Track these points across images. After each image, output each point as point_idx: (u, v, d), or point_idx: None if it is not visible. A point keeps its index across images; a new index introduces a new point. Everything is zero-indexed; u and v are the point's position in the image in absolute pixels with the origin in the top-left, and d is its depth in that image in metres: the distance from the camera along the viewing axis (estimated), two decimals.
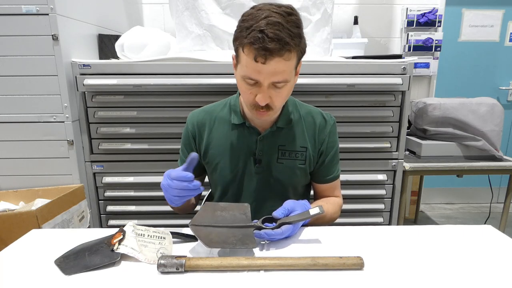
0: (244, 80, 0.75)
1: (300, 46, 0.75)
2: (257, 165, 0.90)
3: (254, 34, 0.68)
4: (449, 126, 1.74)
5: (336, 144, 0.95)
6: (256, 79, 0.73)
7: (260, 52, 0.68)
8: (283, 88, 0.76)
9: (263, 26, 0.67)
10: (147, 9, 2.14)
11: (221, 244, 0.68)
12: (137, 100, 1.42)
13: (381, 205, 1.58)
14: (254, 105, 0.77)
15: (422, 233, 0.80)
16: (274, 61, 0.70)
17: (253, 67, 0.71)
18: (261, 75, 0.72)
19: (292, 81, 0.78)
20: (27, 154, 1.38)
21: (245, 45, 0.70)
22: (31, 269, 0.65)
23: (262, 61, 0.69)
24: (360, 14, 2.17)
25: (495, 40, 2.46)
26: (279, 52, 0.69)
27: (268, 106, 0.77)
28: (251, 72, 0.72)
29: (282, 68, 0.72)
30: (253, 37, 0.68)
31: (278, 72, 0.72)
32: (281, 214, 0.75)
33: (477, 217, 2.57)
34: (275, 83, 0.74)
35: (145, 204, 1.53)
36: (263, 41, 0.67)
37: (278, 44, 0.68)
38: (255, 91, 0.75)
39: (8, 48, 1.27)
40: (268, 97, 0.75)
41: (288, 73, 0.74)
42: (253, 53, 0.69)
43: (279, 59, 0.70)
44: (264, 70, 0.71)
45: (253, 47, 0.68)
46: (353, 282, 0.60)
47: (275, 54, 0.69)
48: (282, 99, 0.78)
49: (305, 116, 0.93)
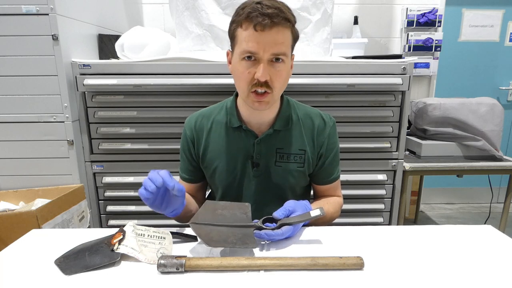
0: (243, 58, 0.75)
1: (293, 27, 0.77)
2: (255, 169, 0.90)
3: (252, 6, 0.72)
4: (449, 126, 1.74)
5: (336, 146, 0.94)
6: (255, 51, 0.73)
7: (259, 18, 0.70)
8: (281, 67, 0.76)
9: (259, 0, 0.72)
10: (147, 9, 2.14)
11: (221, 243, 0.68)
12: (137, 100, 1.42)
13: (381, 205, 1.58)
14: (253, 85, 0.76)
15: (422, 233, 0.80)
16: (273, 30, 0.72)
17: (253, 38, 0.72)
18: (260, 45, 0.72)
19: (288, 63, 0.79)
20: (27, 154, 1.38)
21: (243, 20, 0.73)
22: (31, 269, 0.65)
23: (261, 28, 0.71)
24: (360, 14, 2.17)
25: (495, 40, 2.46)
26: (278, 18, 0.71)
27: (267, 85, 0.76)
28: (250, 45, 0.73)
29: (281, 39, 0.73)
30: (251, 8, 0.71)
31: (277, 42, 0.73)
32: (282, 214, 0.75)
33: (477, 217, 2.58)
34: (274, 55, 0.74)
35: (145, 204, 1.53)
36: (262, 8, 0.70)
37: (276, 10, 0.71)
38: (253, 70, 0.75)
39: (8, 48, 1.27)
40: (267, 74, 0.75)
41: (286, 46, 0.75)
42: (252, 22, 0.71)
43: (277, 28, 0.72)
44: (264, 39, 0.72)
45: (252, 15, 0.71)
46: (353, 282, 0.60)
47: (274, 19, 0.70)
48: (281, 79, 0.78)
49: (303, 118, 0.91)
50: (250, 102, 0.80)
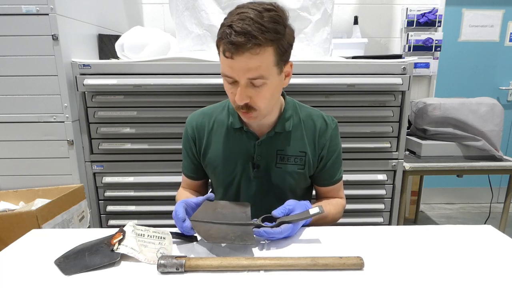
0: (225, 78, 0.75)
1: (277, 42, 0.70)
2: (255, 170, 0.90)
3: (224, 29, 0.68)
4: (449, 126, 1.74)
5: (338, 148, 0.93)
6: (230, 75, 0.72)
7: (227, 46, 0.67)
8: (263, 88, 0.73)
9: (234, 22, 0.67)
10: (147, 9, 2.14)
11: (220, 240, 0.68)
12: (137, 100, 1.42)
13: (381, 205, 1.58)
14: (236, 105, 0.77)
15: (422, 233, 0.80)
16: (244, 57, 0.68)
17: (225, 63, 0.71)
18: (233, 71, 0.71)
19: (274, 81, 0.74)
20: (27, 154, 1.38)
21: (218, 41, 0.71)
22: (31, 269, 0.65)
23: (229, 55, 0.69)
24: (360, 14, 2.17)
25: (495, 40, 2.46)
26: (245, 46, 0.66)
27: (248, 106, 0.75)
28: (225, 69, 0.72)
29: (255, 64, 0.69)
30: (222, 33, 0.68)
31: (251, 68, 0.69)
32: (281, 213, 0.75)
33: (477, 217, 2.57)
34: (251, 80, 0.71)
35: (145, 204, 1.53)
36: (230, 35, 0.66)
37: (243, 38, 0.66)
38: (235, 90, 0.74)
39: (8, 48, 1.27)
40: (246, 96, 0.73)
41: (264, 69, 0.70)
42: (223, 48, 0.69)
43: (248, 54, 0.67)
44: (235, 66, 0.70)
45: (222, 41, 0.69)
46: (353, 282, 0.60)
47: (241, 48, 0.67)
48: (265, 99, 0.75)
49: (305, 120, 0.91)
50: (241, 115, 0.81)
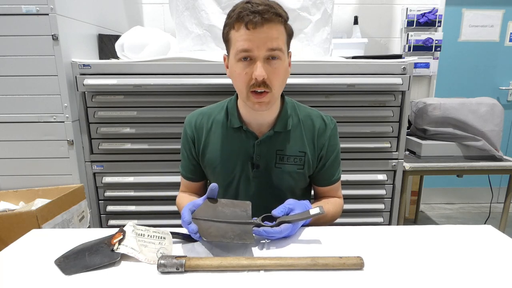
0: (238, 60, 0.75)
1: (286, 24, 0.77)
2: (255, 170, 0.90)
3: (241, 6, 0.72)
4: (449, 126, 1.74)
5: (336, 148, 0.93)
6: (250, 48, 0.73)
7: (249, 17, 0.71)
8: (278, 65, 0.76)
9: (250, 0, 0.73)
10: (147, 9, 2.14)
11: (219, 238, 0.68)
12: (137, 100, 1.42)
13: (381, 205, 1.58)
14: (251, 85, 0.76)
15: (422, 233, 0.80)
16: (265, 27, 0.72)
17: (246, 36, 0.72)
18: (253, 43, 0.72)
19: (285, 61, 0.78)
20: (27, 154, 1.38)
21: (234, 21, 0.73)
22: (31, 269, 0.65)
23: (253, 26, 0.71)
24: (360, 14, 2.17)
25: (495, 40, 2.46)
26: (268, 14, 0.71)
27: (265, 85, 0.76)
28: (244, 43, 0.73)
29: (274, 34, 0.73)
30: (241, 8, 0.72)
31: (271, 38, 0.73)
32: (281, 212, 0.75)
33: (477, 217, 2.57)
34: (270, 53, 0.74)
35: (145, 204, 1.53)
36: (252, 6, 0.71)
37: (266, 7, 0.71)
38: (250, 70, 0.75)
39: (8, 48, 1.27)
40: (264, 72, 0.74)
41: (281, 42, 0.75)
42: (243, 21, 0.72)
43: (269, 25, 0.72)
44: (257, 37, 0.72)
45: (243, 14, 0.71)
46: (353, 282, 0.60)
47: (265, 15, 0.71)
48: (279, 77, 0.78)
49: (304, 120, 0.91)
50: (250, 103, 0.79)
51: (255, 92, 0.77)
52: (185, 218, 0.69)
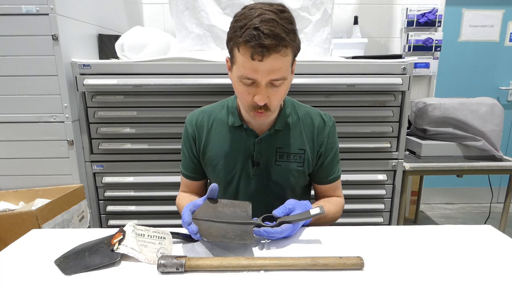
0: (241, 81, 0.74)
1: (295, 42, 0.74)
2: (255, 168, 0.90)
3: (249, 32, 0.67)
4: (449, 126, 1.74)
5: (335, 145, 0.94)
6: (253, 78, 0.72)
7: (256, 49, 0.67)
8: (281, 87, 0.75)
9: (258, 24, 0.67)
10: (147, 9, 2.14)
11: (220, 238, 0.68)
12: (137, 100, 1.42)
13: (381, 205, 1.58)
14: (252, 106, 0.77)
15: (422, 233, 0.80)
16: (271, 58, 0.69)
17: (250, 65, 0.70)
18: (258, 73, 0.71)
19: (289, 79, 0.78)
20: (27, 154, 1.38)
21: (240, 44, 0.69)
22: (31, 269, 0.65)
23: (259, 58, 0.69)
24: (360, 14, 2.17)
25: (495, 40, 2.46)
26: (276, 48, 0.68)
27: (266, 106, 0.76)
28: (248, 72, 0.71)
29: (279, 65, 0.71)
30: (248, 35, 0.67)
31: (275, 69, 0.71)
32: (281, 213, 0.75)
33: (477, 217, 2.57)
34: (273, 81, 0.73)
35: (145, 204, 1.53)
36: (259, 38, 0.66)
37: (274, 40, 0.67)
38: (252, 92, 0.75)
39: (8, 48, 1.27)
40: (266, 97, 0.74)
41: (285, 70, 0.73)
42: (249, 51, 0.69)
43: (276, 55, 0.69)
44: (261, 68, 0.70)
45: (249, 45, 0.68)
46: (353, 282, 0.60)
47: (272, 50, 0.68)
48: (280, 98, 0.78)
49: (303, 118, 0.92)
50: (251, 116, 0.80)
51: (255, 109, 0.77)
52: (185, 218, 0.69)
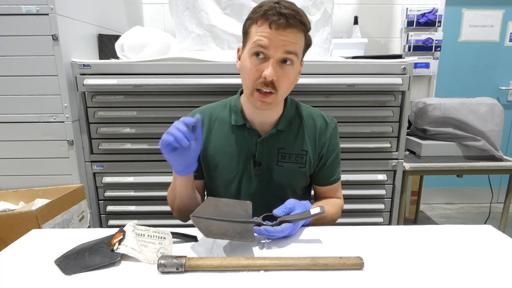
0: (252, 54, 0.75)
1: (307, 33, 0.78)
2: (256, 168, 0.90)
3: (270, 4, 0.73)
4: (449, 126, 1.74)
5: (337, 147, 0.94)
6: (267, 46, 0.73)
7: (274, 17, 0.71)
8: (289, 69, 0.76)
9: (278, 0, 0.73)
10: (147, 9, 2.14)
11: (220, 236, 0.68)
12: (137, 100, 1.42)
13: (381, 205, 1.58)
14: (259, 83, 0.76)
15: (422, 233, 0.80)
16: (287, 31, 0.72)
17: (267, 34, 0.73)
18: (272, 43, 0.73)
19: (297, 67, 0.79)
20: (27, 154, 1.38)
21: (259, 17, 0.74)
22: (31, 269, 0.65)
23: (276, 27, 0.72)
24: (360, 14, 2.17)
25: (495, 40, 2.46)
26: (294, 20, 0.72)
27: (273, 86, 0.76)
28: (263, 40, 0.73)
29: (293, 40, 0.74)
30: (268, 6, 0.72)
31: (289, 43, 0.73)
32: (282, 212, 0.75)
33: (477, 217, 2.58)
34: (286, 54, 0.74)
35: (145, 204, 1.53)
36: (280, 7, 0.71)
37: (293, 12, 0.72)
38: (262, 67, 0.75)
39: (8, 48, 1.27)
40: (275, 74, 0.74)
41: (298, 48, 0.76)
42: (268, 20, 0.72)
43: (291, 30, 0.73)
44: (276, 38, 0.72)
45: (269, 13, 0.71)
46: (353, 282, 0.60)
47: (290, 20, 0.71)
48: (288, 81, 0.78)
49: (306, 119, 0.92)
50: (253, 100, 0.79)
51: (260, 91, 0.77)
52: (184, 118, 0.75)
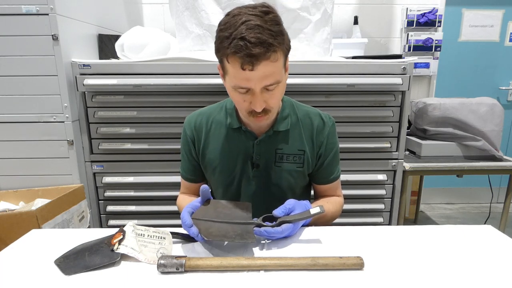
0: (236, 90, 0.74)
1: (284, 43, 0.72)
2: (254, 169, 0.90)
3: (236, 42, 0.66)
4: (449, 126, 1.74)
5: (335, 146, 0.94)
6: (247, 87, 0.72)
7: (245, 59, 0.66)
8: (276, 89, 0.75)
9: (244, 32, 0.65)
10: (147, 9, 2.14)
11: (220, 237, 0.68)
12: (137, 100, 1.42)
13: (381, 205, 1.58)
14: (251, 112, 0.77)
15: (422, 233, 0.80)
16: (261, 66, 0.68)
17: (242, 76, 0.70)
18: (251, 82, 0.71)
19: (284, 80, 0.77)
20: (27, 154, 1.38)
21: (229, 55, 0.68)
22: (31, 269, 0.65)
23: (249, 68, 0.68)
24: (360, 14, 2.17)
25: (495, 40, 2.46)
26: (265, 55, 0.67)
27: (265, 110, 0.77)
28: (240, 81, 0.71)
29: (271, 71, 0.70)
30: (235, 46, 0.66)
31: (268, 76, 0.70)
32: (281, 212, 0.75)
33: (477, 217, 2.57)
34: (267, 87, 0.73)
35: (145, 204, 1.53)
36: (246, 47, 0.65)
37: (262, 48, 0.66)
38: (249, 99, 0.75)
39: (8, 48, 1.27)
40: (263, 102, 0.74)
41: (278, 73, 0.73)
42: (239, 62, 0.68)
43: (266, 62, 0.68)
44: (254, 77, 0.69)
45: (238, 55, 0.66)
46: (353, 282, 0.60)
47: (261, 58, 0.67)
48: (277, 99, 0.78)
49: (302, 118, 0.91)
50: (251, 121, 0.81)
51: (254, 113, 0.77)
52: (186, 221, 0.69)
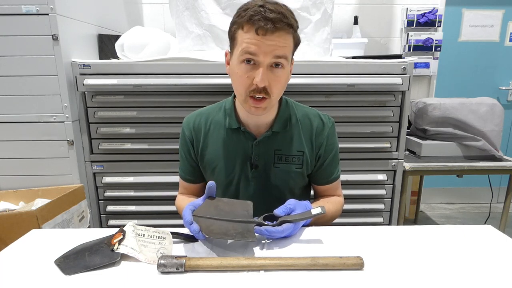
0: (242, 62, 0.74)
1: (295, 33, 0.76)
2: (253, 170, 0.90)
3: (255, 8, 0.70)
4: (449, 126, 1.74)
5: (335, 147, 0.94)
6: (256, 53, 0.72)
7: (261, 23, 0.69)
8: (280, 73, 0.75)
9: (262, 2, 0.71)
10: (147, 9, 2.14)
11: (221, 235, 0.68)
12: (137, 100, 1.42)
13: (381, 205, 1.58)
14: (251, 90, 0.76)
15: (422, 233, 0.80)
16: (275, 35, 0.71)
17: (254, 41, 0.71)
18: (261, 49, 0.72)
19: (288, 69, 0.78)
20: (27, 154, 1.38)
21: (245, 22, 0.72)
22: (31, 269, 0.65)
23: (263, 32, 0.70)
24: (360, 14, 2.17)
25: (495, 40, 2.46)
26: (280, 24, 0.70)
27: (266, 91, 0.75)
28: (251, 47, 0.72)
29: (282, 43, 0.72)
30: (253, 11, 0.70)
31: (279, 46, 0.72)
32: (282, 212, 0.75)
33: (477, 217, 2.57)
34: (275, 60, 0.73)
35: (145, 204, 1.53)
36: (265, 12, 0.69)
37: (279, 15, 0.70)
38: (252, 74, 0.74)
39: (8, 48, 1.27)
40: (267, 80, 0.74)
41: (288, 50, 0.74)
42: (254, 26, 0.70)
43: (279, 33, 0.71)
44: (264, 43, 0.71)
45: (254, 19, 0.70)
46: (353, 282, 0.60)
47: (277, 24, 0.70)
48: (280, 85, 0.78)
49: (301, 119, 0.91)
50: (247, 106, 0.79)
51: (253, 97, 0.76)
52: (187, 218, 0.69)
